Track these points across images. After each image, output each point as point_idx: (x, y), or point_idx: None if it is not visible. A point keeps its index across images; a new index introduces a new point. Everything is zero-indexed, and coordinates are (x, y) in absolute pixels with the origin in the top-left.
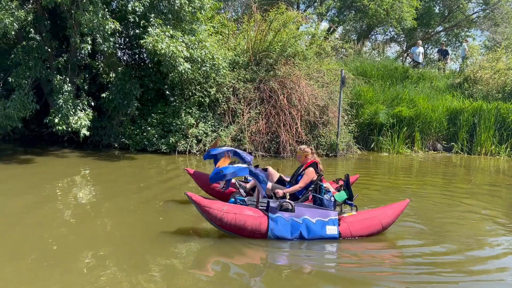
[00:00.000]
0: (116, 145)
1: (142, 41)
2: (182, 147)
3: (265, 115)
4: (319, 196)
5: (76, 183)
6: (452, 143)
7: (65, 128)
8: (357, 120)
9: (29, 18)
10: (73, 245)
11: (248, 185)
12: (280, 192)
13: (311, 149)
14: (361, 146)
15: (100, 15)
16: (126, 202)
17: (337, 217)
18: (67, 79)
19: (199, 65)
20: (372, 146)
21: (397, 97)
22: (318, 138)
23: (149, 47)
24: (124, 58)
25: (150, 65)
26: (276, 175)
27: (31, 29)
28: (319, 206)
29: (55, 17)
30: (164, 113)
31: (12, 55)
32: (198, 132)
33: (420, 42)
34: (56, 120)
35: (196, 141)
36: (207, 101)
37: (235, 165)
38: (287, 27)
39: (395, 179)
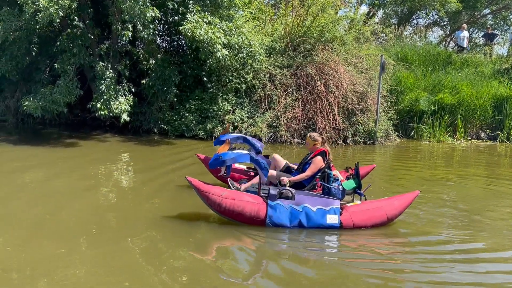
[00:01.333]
0: (155, 131)
1: (181, 27)
2: (219, 133)
3: (302, 102)
4: (327, 184)
5: (118, 166)
6: (497, 132)
7: (107, 113)
8: (396, 107)
9: (73, 6)
10: (117, 227)
11: (242, 187)
12: (285, 180)
13: (322, 138)
14: (400, 134)
15: (140, 2)
16: (165, 185)
17: (339, 206)
18: (109, 65)
19: (236, 52)
20: (412, 134)
21: (439, 83)
22: (356, 125)
23: (187, 33)
24: (163, 45)
25: (188, 52)
26: (282, 162)
27: (75, 17)
28: (321, 195)
29: (97, 5)
30: (202, 100)
31: (58, 43)
32: (235, 119)
33: (465, 26)
34: (99, 105)
35: (232, 128)
36: (244, 88)
37: (236, 151)
38: (325, 12)
39: (435, 169)
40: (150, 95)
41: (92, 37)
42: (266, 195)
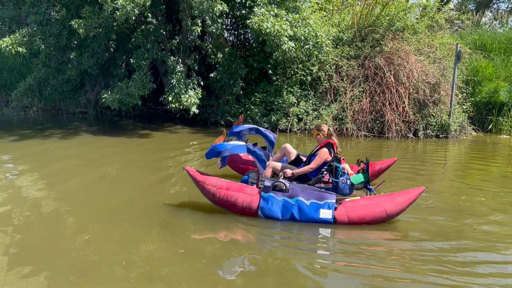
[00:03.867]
0: (222, 123)
1: (248, 21)
2: (283, 125)
3: (369, 93)
4: (334, 178)
5: (187, 156)
6: None
7: (177, 106)
8: (473, 99)
9: (147, 4)
10: (177, 212)
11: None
12: (288, 172)
13: (329, 129)
14: (476, 127)
15: None
16: (229, 174)
17: (334, 200)
18: (179, 60)
19: (302, 43)
20: (490, 127)
21: None
22: (428, 117)
23: (254, 27)
24: (230, 38)
25: (254, 45)
26: (293, 153)
27: (149, 14)
28: (318, 188)
29: (169, 2)
30: (267, 92)
31: (133, 39)
32: (299, 111)
33: None
34: (170, 98)
35: (297, 120)
36: (309, 80)
37: (231, 142)
38: (395, 0)
39: None
40: (218, 88)
41: (164, 32)
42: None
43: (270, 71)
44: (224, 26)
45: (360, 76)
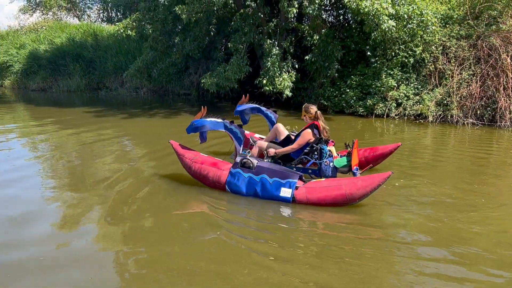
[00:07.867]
0: None
1: (346, 0)
2: (380, 110)
3: (481, 77)
4: (318, 161)
5: None
6: None
7: (271, 89)
8: None
9: None
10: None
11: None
12: (271, 151)
13: (316, 112)
14: None
15: None
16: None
17: (296, 180)
18: (276, 42)
19: (404, 22)
20: None
21: None
22: None
23: (352, 6)
24: (329, 19)
25: (353, 26)
26: (284, 133)
27: None
28: (284, 167)
29: None
30: (364, 75)
31: (232, 22)
32: (399, 95)
33: None
34: (264, 81)
35: (395, 105)
36: (411, 62)
37: (209, 119)
38: None
39: None
40: (312, 71)
41: (262, 15)
42: None
43: (368, 53)
44: (322, 7)
45: (471, 58)
